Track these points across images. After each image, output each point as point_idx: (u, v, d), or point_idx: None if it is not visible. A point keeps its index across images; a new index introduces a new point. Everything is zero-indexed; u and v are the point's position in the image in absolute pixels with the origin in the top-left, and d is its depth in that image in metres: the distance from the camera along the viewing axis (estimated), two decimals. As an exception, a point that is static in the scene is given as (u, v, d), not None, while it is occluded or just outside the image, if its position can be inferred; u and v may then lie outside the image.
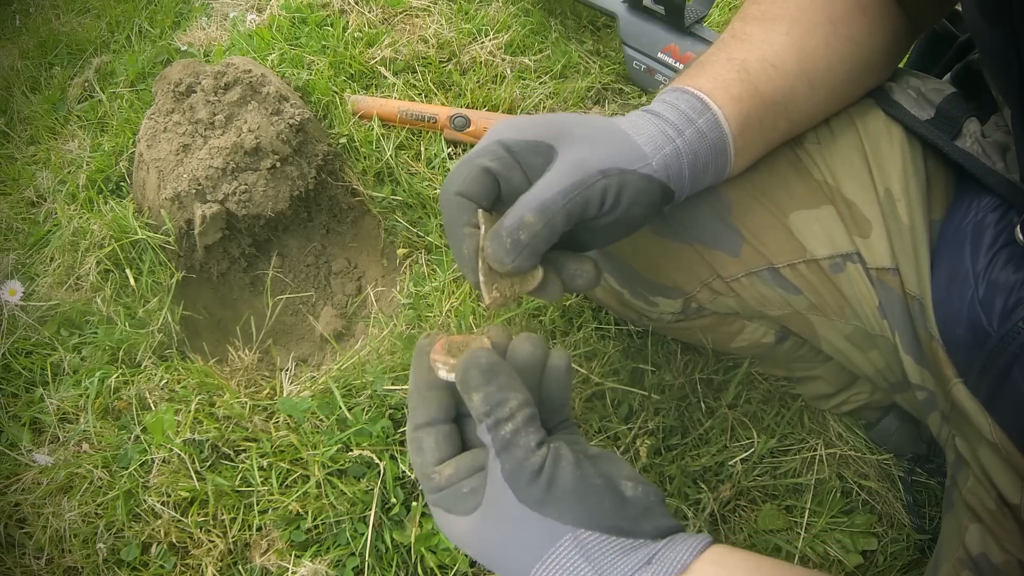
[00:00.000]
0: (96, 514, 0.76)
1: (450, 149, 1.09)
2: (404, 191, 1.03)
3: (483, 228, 0.45)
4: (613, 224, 0.48)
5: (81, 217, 1.00)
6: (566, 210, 0.44)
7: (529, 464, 0.38)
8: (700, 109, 0.50)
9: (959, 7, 0.62)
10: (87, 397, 0.84)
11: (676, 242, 0.62)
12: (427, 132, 1.09)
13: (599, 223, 0.48)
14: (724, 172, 0.53)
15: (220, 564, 0.72)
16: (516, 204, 0.44)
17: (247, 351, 0.95)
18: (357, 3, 1.27)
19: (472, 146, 1.08)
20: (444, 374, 0.42)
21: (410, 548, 0.71)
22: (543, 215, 0.43)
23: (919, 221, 0.55)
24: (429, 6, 1.27)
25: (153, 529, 0.74)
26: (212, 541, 0.73)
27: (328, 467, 0.75)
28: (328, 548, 0.73)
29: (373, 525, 0.72)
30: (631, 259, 0.65)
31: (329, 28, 1.22)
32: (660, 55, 1.11)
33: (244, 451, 0.78)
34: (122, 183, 1.07)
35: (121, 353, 0.88)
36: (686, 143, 0.49)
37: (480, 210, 0.46)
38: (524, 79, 1.17)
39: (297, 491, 0.74)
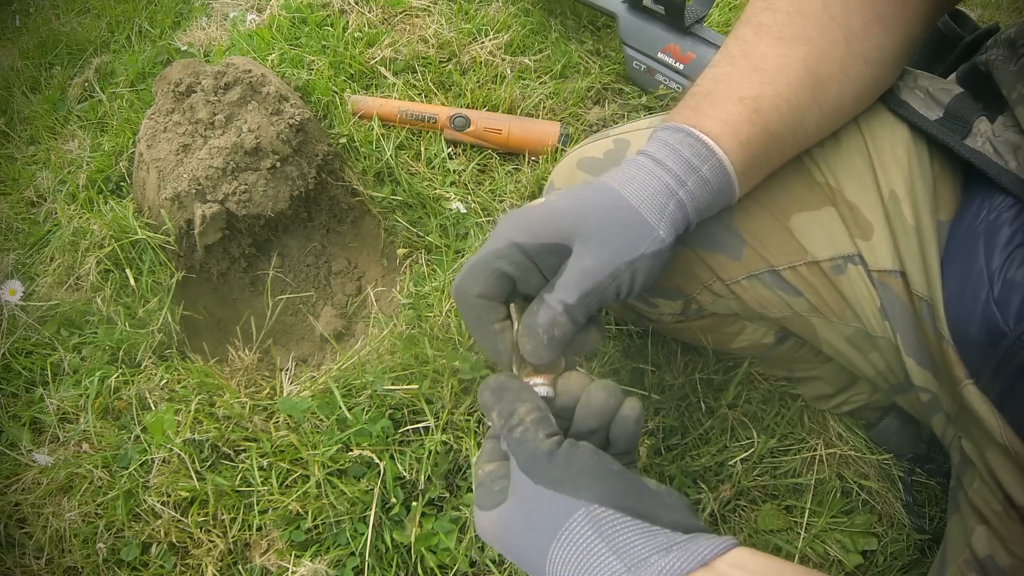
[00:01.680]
0: (96, 514, 0.76)
1: (450, 149, 1.09)
2: (404, 191, 1.03)
3: (516, 322, 0.49)
4: (633, 297, 0.51)
5: (81, 217, 1.00)
6: (585, 310, 0.48)
7: (540, 449, 0.41)
8: (705, 155, 0.50)
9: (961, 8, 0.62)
10: (87, 397, 0.84)
11: (677, 245, 0.62)
12: (427, 132, 1.09)
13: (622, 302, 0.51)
14: (729, 204, 0.54)
15: (220, 564, 0.72)
16: (544, 304, 0.47)
17: (247, 351, 0.95)
18: (357, 3, 1.27)
19: (472, 146, 1.09)
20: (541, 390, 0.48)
21: (410, 548, 0.71)
22: (570, 316, 0.47)
23: (926, 221, 0.55)
24: (429, 6, 1.27)
25: (153, 529, 0.74)
26: (212, 541, 0.73)
27: (328, 467, 0.75)
28: (328, 548, 0.73)
29: (373, 525, 0.72)
30: None
31: (329, 28, 1.22)
32: (660, 55, 1.11)
33: (244, 451, 0.78)
34: (122, 183, 1.07)
35: (121, 353, 0.88)
36: (688, 192, 0.50)
37: (514, 304, 0.50)
38: (524, 79, 1.17)
39: (297, 491, 0.74)
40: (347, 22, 1.23)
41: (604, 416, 0.46)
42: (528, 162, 1.09)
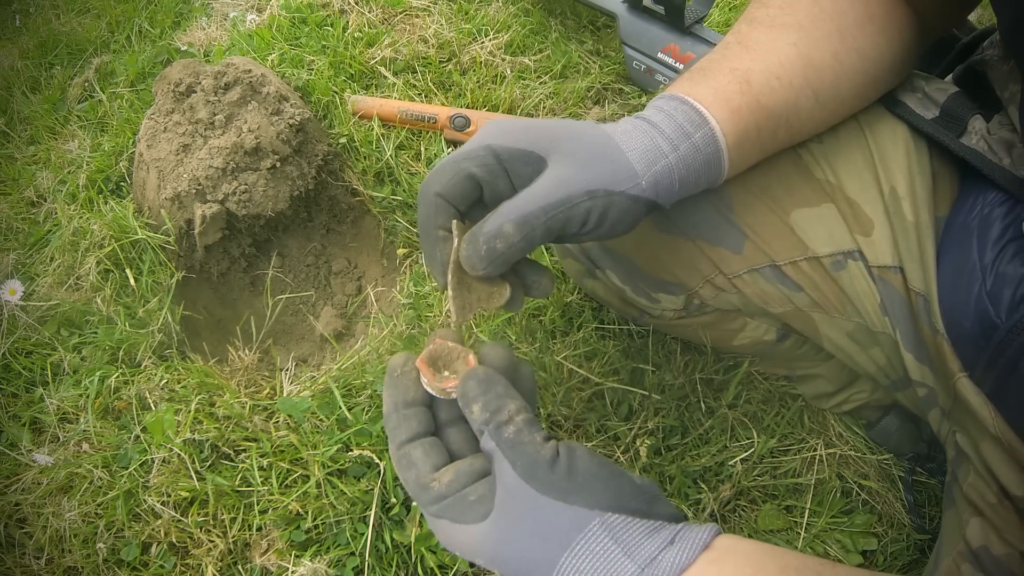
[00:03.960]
0: (96, 514, 0.76)
1: (450, 149, 1.09)
2: (404, 191, 1.03)
3: (456, 239, 0.45)
4: (593, 237, 0.48)
5: (81, 217, 1.00)
6: (546, 226, 0.44)
7: (543, 456, 0.39)
8: (698, 123, 0.49)
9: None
10: (87, 397, 0.84)
11: (678, 238, 0.62)
12: (427, 132, 1.09)
13: (579, 239, 0.48)
14: (717, 181, 0.53)
15: (220, 564, 0.72)
16: (497, 211, 0.44)
17: (247, 351, 0.95)
18: (357, 3, 1.27)
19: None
20: (430, 388, 0.43)
21: (410, 548, 0.71)
22: (522, 228, 0.44)
23: (925, 218, 0.56)
24: (429, 6, 1.27)
25: (153, 529, 0.74)
26: (212, 541, 0.73)
27: (328, 467, 0.75)
28: (328, 548, 0.73)
29: (373, 525, 0.72)
30: (633, 255, 0.66)
31: (329, 28, 1.22)
32: (660, 55, 1.11)
33: (244, 451, 0.78)
34: (122, 183, 1.07)
35: (121, 353, 0.88)
36: (680, 158, 0.48)
37: (455, 220, 0.46)
38: (524, 79, 1.17)
39: (297, 491, 0.74)
40: (347, 22, 1.23)
41: (505, 374, 0.43)
42: (528, 162, 1.09)
